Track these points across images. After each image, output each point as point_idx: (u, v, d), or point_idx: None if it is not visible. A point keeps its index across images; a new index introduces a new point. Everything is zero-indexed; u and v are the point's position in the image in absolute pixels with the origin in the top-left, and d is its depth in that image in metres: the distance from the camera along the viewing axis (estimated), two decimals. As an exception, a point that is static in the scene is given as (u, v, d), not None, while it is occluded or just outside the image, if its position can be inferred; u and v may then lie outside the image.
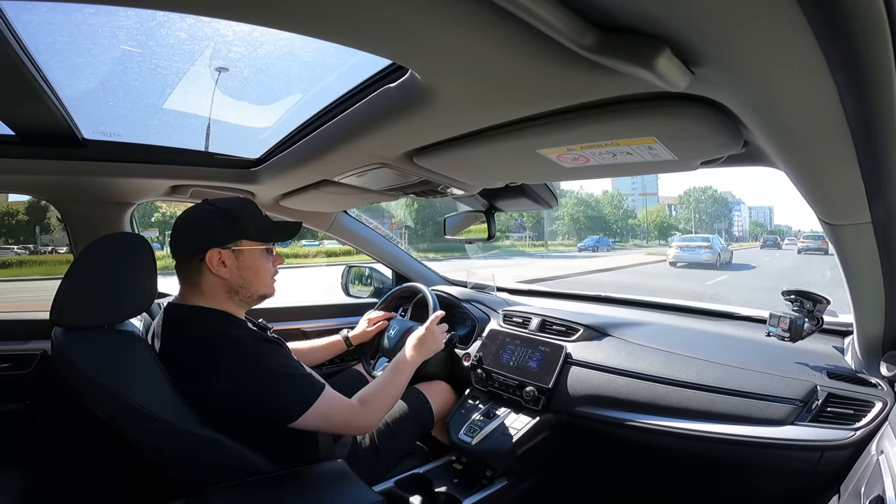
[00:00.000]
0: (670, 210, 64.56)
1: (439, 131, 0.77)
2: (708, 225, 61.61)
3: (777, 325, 1.01)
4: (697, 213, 62.24)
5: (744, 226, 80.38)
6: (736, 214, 78.13)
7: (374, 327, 1.53)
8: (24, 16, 0.69)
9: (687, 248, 15.51)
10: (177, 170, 1.24)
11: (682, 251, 15.40)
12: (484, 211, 1.46)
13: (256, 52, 0.97)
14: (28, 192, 1.33)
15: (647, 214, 60.51)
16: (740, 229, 78.25)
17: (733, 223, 75.45)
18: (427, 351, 1.20)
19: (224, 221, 0.94)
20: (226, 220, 0.94)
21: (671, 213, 63.51)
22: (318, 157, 1.00)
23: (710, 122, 0.57)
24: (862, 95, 0.40)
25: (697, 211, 62.24)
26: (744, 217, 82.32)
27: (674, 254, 15.59)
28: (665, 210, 63.38)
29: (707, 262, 14.54)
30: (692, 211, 61.94)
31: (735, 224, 76.18)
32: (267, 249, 1.00)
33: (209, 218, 0.94)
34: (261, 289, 0.99)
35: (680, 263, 15.00)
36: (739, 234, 75.36)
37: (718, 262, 14.79)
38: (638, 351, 1.18)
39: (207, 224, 0.94)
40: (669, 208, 65.23)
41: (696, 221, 61.04)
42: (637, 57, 0.40)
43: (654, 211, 61.09)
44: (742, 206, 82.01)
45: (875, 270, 0.75)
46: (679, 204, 65.26)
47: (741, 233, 76.41)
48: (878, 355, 0.88)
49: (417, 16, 0.43)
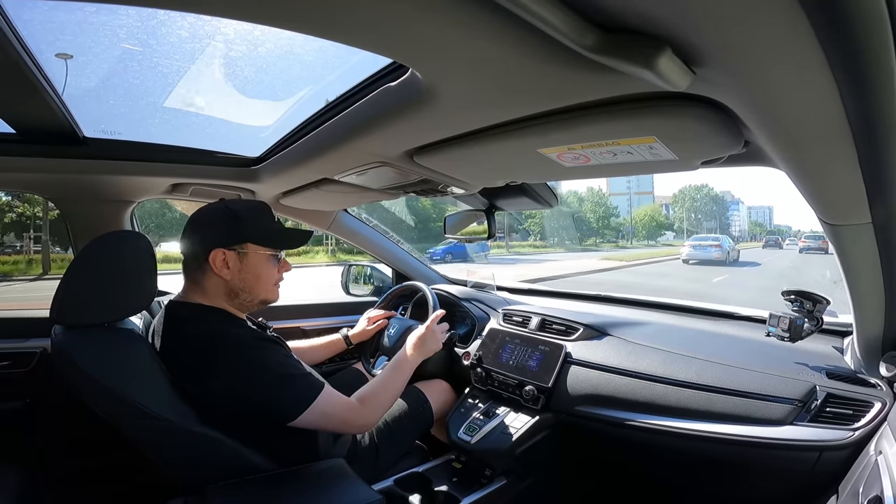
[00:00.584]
0: (666, 209, 63.34)
1: (440, 130, 0.77)
2: (702, 224, 60.09)
3: (777, 326, 1.01)
4: (693, 213, 60.92)
5: (742, 226, 78.74)
6: (735, 214, 76.56)
7: (374, 326, 1.53)
8: (25, 14, 0.69)
9: (699, 247, 16.63)
10: (177, 168, 1.24)
11: (695, 249, 16.52)
12: (484, 210, 1.46)
13: (257, 51, 0.97)
14: (28, 191, 1.34)
15: (638, 213, 59.16)
16: (739, 229, 76.57)
17: (731, 223, 74.10)
18: (427, 350, 1.20)
19: (232, 223, 0.94)
20: (234, 221, 0.95)
21: (667, 213, 62.11)
22: (319, 156, 1.00)
23: (710, 121, 0.57)
24: (863, 96, 0.40)
25: (693, 210, 60.90)
26: (742, 217, 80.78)
27: (687, 252, 16.73)
28: (661, 209, 62.04)
29: (717, 259, 15.58)
30: (686, 210, 60.55)
31: (733, 223, 74.68)
32: (274, 255, 0.99)
33: (218, 218, 0.95)
34: (261, 294, 0.99)
35: (692, 261, 15.98)
36: (738, 234, 73.85)
37: (728, 260, 15.84)
38: (638, 350, 1.19)
39: (215, 224, 0.95)
40: (666, 207, 63.87)
41: (690, 221, 59.57)
42: (638, 57, 0.40)
43: (647, 210, 59.63)
44: (741, 205, 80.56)
45: (875, 271, 0.75)
46: (673, 203, 63.80)
47: (740, 233, 74.90)
48: (878, 356, 0.88)
49: (418, 14, 0.43)
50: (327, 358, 1.47)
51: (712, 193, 61.44)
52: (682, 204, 61.80)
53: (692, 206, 61.14)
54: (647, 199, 69.57)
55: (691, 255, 16.36)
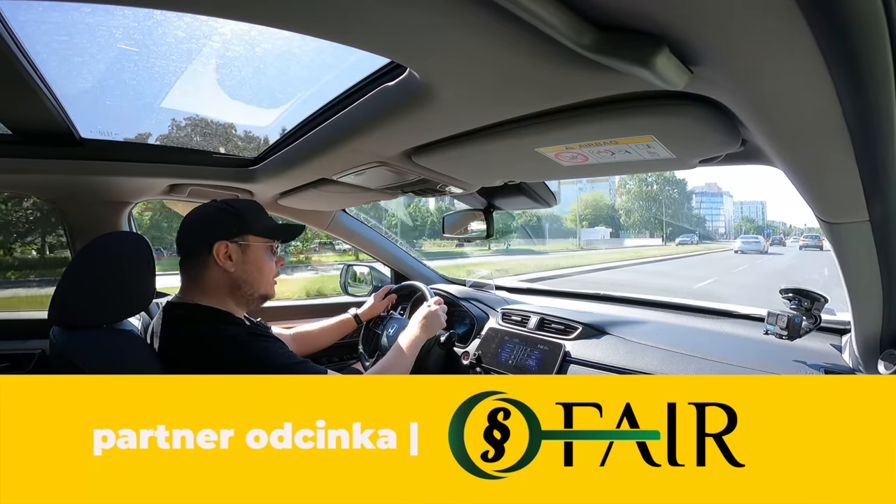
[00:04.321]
0: (611, 191, 54.23)
1: (438, 130, 0.77)
2: (652, 218, 49.69)
3: (775, 324, 1.02)
4: (641, 201, 50.60)
5: (728, 222, 70.97)
6: (711, 207, 67.86)
7: (385, 301, 1.54)
8: (20, 15, 0.68)
9: (747, 243, 26.33)
10: (174, 169, 1.24)
11: (745, 244, 25.91)
12: (482, 209, 1.46)
13: (254, 51, 0.97)
14: (25, 192, 1.33)
15: (587, 198, 50.33)
16: (723, 226, 68.22)
17: (708, 218, 65.15)
18: (432, 328, 1.22)
19: (232, 217, 0.96)
20: (233, 215, 0.96)
21: (613, 199, 52.32)
22: (317, 156, 1.00)
23: (708, 120, 0.57)
24: (860, 94, 0.40)
25: (641, 198, 50.60)
26: (727, 212, 72.86)
27: (739, 245, 26.16)
28: (606, 197, 52.97)
29: (758, 251, 24.70)
30: (632, 197, 50.48)
31: (710, 219, 65.29)
32: (271, 248, 1.01)
33: (218, 214, 0.96)
34: (262, 287, 1.00)
35: (743, 252, 24.16)
36: (723, 230, 66.72)
37: (765, 251, 25.23)
38: (636, 349, 1.19)
39: (216, 219, 0.96)
40: (610, 188, 54.26)
41: (640, 212, 49.49)
42: (636, 56, 0.40)
43: (595, 197, 50.80)
44: (724, 197, 73.55)
45: (873, 269, 0.75)
46: (618, 189, 53.47)
47: (724, 230, 67.37)
48: (876, 353, 0.89)
49: (416, 14, 0.43)
50: (340, 338, 1.47)
51: (669, 177, 50.94)
52: (627, 194, 51.56)
53: (640, 191, 51.28)
54: (602, 185, 57.76)
55: (742, 248, 25.02)
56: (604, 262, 18.59)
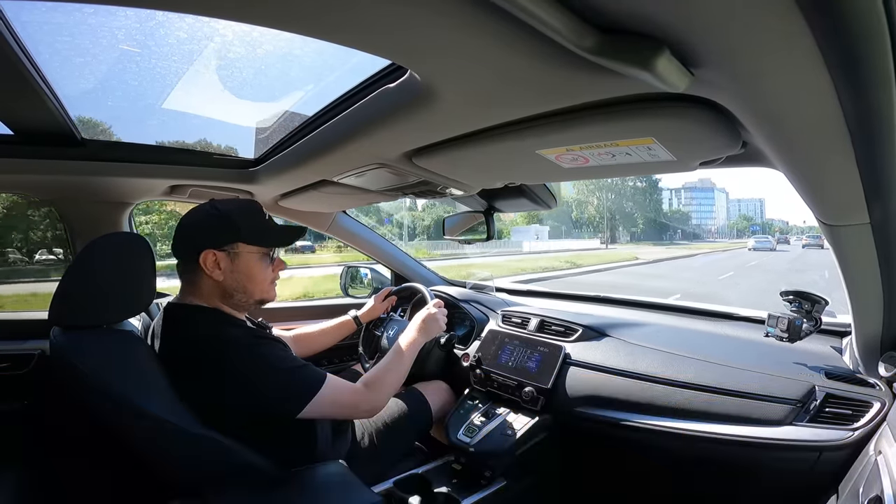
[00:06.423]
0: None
1: (438, 131, 0.77)
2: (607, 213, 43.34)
3: (776, 326, 1.02)
4: (600, 192, 43.46)
5: (720, 219, 64.48)
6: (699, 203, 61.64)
7: (386, 302, 1.53)
8: (23, 15, 0.69)
9: (759, 242, 33.43)
10: (175, 170, 1.24)
11: (758, 243, 32.86)
12: (483, 211, 1.46)
13: (256, 52, 0.97)
14: (26, 192, 1.33)
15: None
16: (714, 224, 62.23)
17: (689, 215, 57.13)
18: (431, 331, 1.19)
19: (220, 223, 0.93)
20: (222, 221, 0.93)
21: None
22: (318, 158, 1.00)
23: (709, 123, 0.57)
24: (861, 97, 0.40)
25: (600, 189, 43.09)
26: (719, 209, 66.72)
27: (752, 244, 32.97)
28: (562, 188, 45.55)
29: (769, 248, 31.04)
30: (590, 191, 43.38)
31: (689, 216, 57.29)
32: (266, 254, 0.98)
33: (207, 219, 0.94)
34: (256, 294, 0.98)
35: (756, 250, 30.31)
36: (715, 229, 61.70)
37: (774, 248, 31.67)
38: (636, 351, 1.19)
39: (204, 225, 0.93)
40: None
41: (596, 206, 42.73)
42: (637, 58, 0.40)
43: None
44: (715, 192, 67.84)
45: (873, 271, 0.75)
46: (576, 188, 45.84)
47: (716, 228, 61.90)
48: (877, 356, 0.89)
49: (417, 16, 0.43)
50: (339, 340, 1.47)
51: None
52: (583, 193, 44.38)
53: (598, 192, 44.38)
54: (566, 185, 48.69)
55: (755, 247, 31.52)
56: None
